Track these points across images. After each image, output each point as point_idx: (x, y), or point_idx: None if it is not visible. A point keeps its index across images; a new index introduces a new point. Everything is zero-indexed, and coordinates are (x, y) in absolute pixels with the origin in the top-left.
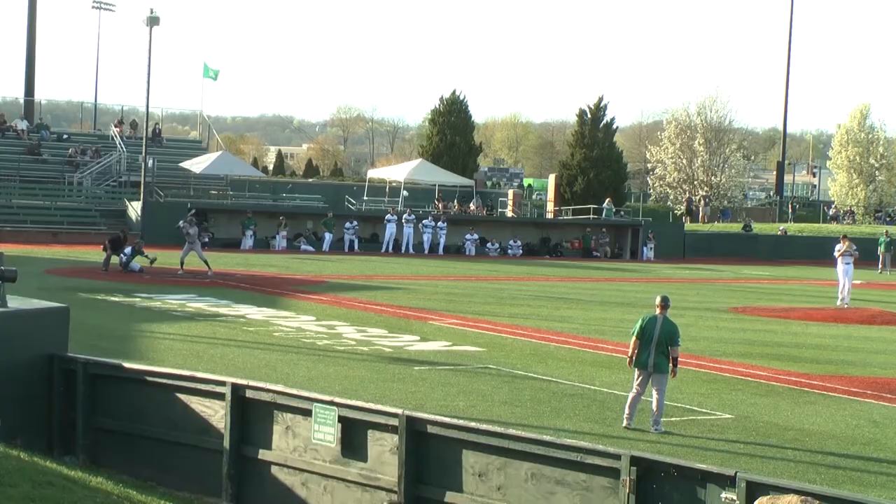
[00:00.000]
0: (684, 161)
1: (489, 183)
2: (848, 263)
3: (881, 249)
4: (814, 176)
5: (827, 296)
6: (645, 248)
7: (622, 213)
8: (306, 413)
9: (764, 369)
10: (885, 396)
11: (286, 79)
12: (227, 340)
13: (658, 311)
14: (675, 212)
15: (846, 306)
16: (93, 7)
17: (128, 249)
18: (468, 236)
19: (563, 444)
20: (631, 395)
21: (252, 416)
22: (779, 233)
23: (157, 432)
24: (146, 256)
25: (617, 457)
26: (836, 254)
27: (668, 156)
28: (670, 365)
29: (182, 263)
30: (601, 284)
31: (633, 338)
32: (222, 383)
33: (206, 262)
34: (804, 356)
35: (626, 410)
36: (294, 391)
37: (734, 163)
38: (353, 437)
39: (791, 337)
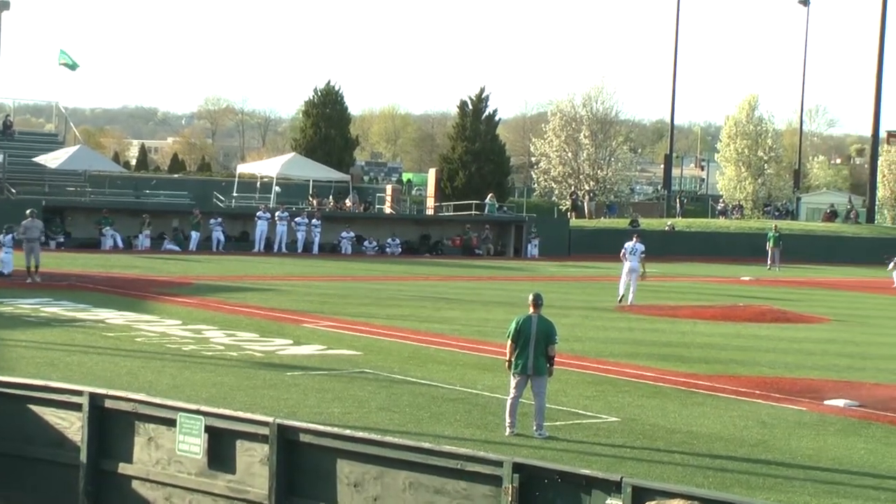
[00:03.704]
0: (569, 154)
1: (366, 178)
2: None
3: (770, 245)
4: (702, 169)
5: (716, 293)
6: (529, 246)
7: (505, 208)
8: (170, 423)
9: (651, 370)
10: (773, 396)
11: (150, 68)
12: (86, 347)
13: (531, 310)
14: (561, 207)
15: None
16: None
17: None
18: (344, 234)
19: (443, 451)
20: (510, 400)
21: (111, 427)
22: (666, 228)
23: (7, 447)
24: None
25: (499, 464)
26: None
27: (553, 149)
28: (548, 365)
29: (29, 270)
30: (483, 284)
31: (509, 341)
32: (79, 393)
33: (36, 266)
34: (692, 356)
35: (507, 417)
36: (157, 400)
37: (621, 156)
38: (220, 448)
39: (679, 336)
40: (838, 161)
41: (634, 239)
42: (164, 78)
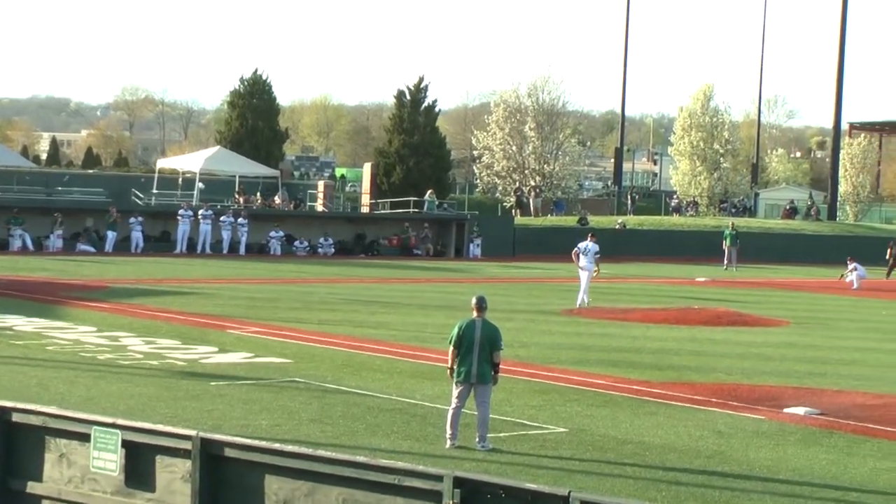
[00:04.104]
0: (514, 148)
1: (297, 173)
2: None
3: (726, 243)
4: (655, 163)
5: (669, 295)
6: (471, 245)
7: (446, 206)
8: (84, 438)
9: (601, 377)
10: (730, 404)
11: (62, 55)
12: None
13: (475, 314)
14: (505, 204)
15: None
16: None
17: None
18: (273, 234)
19: (379, 465)
20: (451, 410)
21: (19, 443)
22: (617, 226)
23: None
24: None
25: (439, 478)
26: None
27: (497, 142)
28: (493, 372)
29: None
30: (422, 286)
31: (451, 347)
32: None
33: None
34: (644, 362)
35: (448, 428)
36: (70, 413)
37: (569, 149)
38: (138, 464)
39: (630, 341)
40: (798, 154)
41: (589, 238)
42: (77, 66)
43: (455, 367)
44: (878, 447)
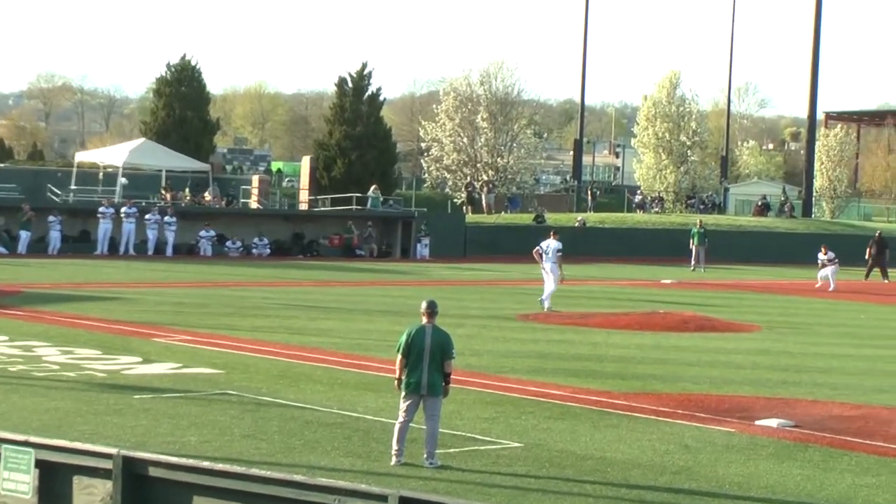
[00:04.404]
0: (465, 139)
1: (229, 167)
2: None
3: (694, 243)
4: (617, 156)
5: (632, 298)
6: (419, 245)
7: (391, 202)
8: None
9: (559, 387)
10: (697, 416)
11: None
12: None
13: (425, 319)
14: (455, 200)
15: None
16: None
17: None
18: (203, 233)
19: (318, 484)
20: (398, 424)
21: None
22: (576, 224)
23: None
24: None
25: (383, 498)
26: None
27: (446, 133)
28: (443, 383)
29: None
30: (366, 289)
31: (399, 355)
32: None
33: None
34: (606, 371)
35: (395, 444)
36: None
37: (524, 141)
38: (54, 486)
39: (590, 348)
40: (771, 147)
41: (551, 236)
42: None
43: (403, 377)
44: (856, 461)
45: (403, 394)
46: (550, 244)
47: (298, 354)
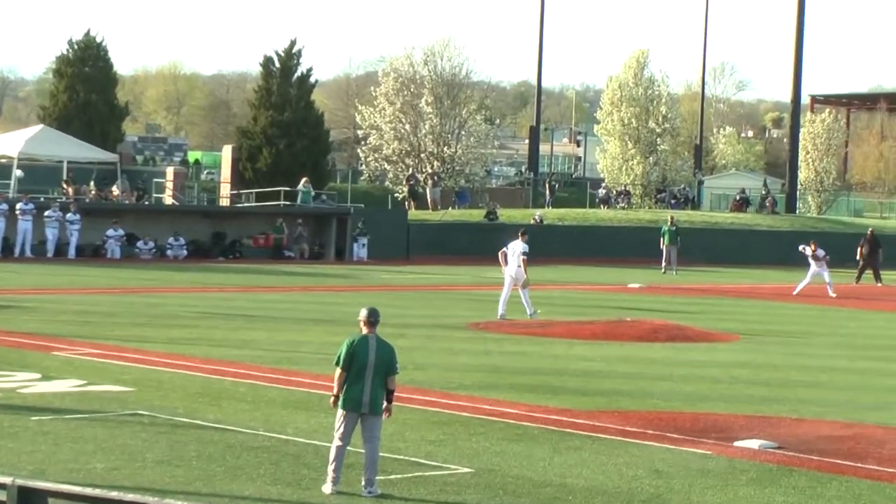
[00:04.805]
0: (407, 126)
1: (140, 158)
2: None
3: (664, 242)
4: (578, 145)
5: (596, 304)
6: (355, 246)
7: (324, 197)
8: None
9: (514, 405)
10: (669, 437)
11: None
12: None
13: (365, 329)
14: (396, 195)
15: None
16: None
17: None
18: (111, 232)
19: None
20: (335, 447)
21: None
22: (533, 221)
23: None
24: None
25: None
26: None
27: (386, 119)
28: (386, 401)
29: None
30: (296, 296)
31: (338, 369)
32: None
33: None
34: (567, 386)
35: (331, 470)
36: None
37: (474, 128)
38: None
39: (550, 361)
40: (750, 134)
41: (520, 236)
42: None
43: (341, 393)
44: (846, 487)
45: (341, 412)
46: (516, 246)
47: (219, 369)
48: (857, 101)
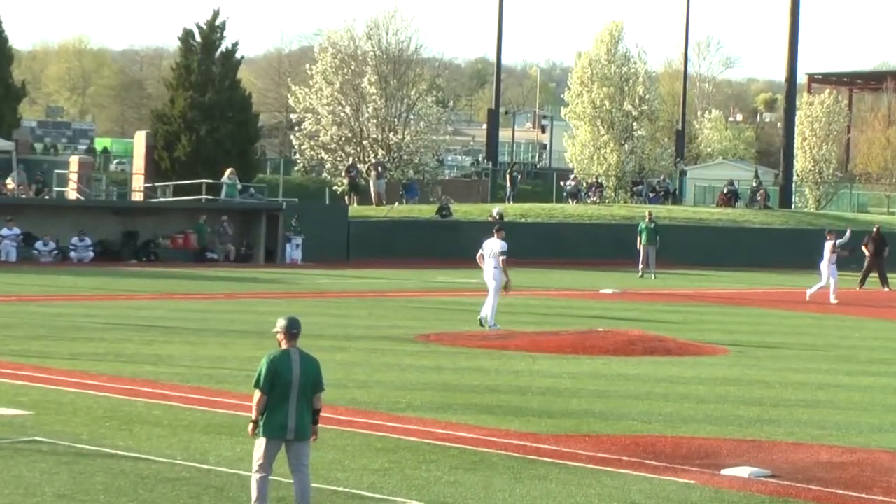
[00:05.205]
0: (348, 110)
1: (39, 145)
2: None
3: (642, 241)
4: (543, 131)
5: (564, 313)
6: (288, 246)
7: (252, 191)
8: None
9: (470, 429)
10: (647, 464)
11: None
12: None
13: (284, 343)
14: (336, 188)
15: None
16: None
17: None
18: (5, 232)
19: None
20: (256, 480)
21: None
22: (491, 218)
23: None
24: None
25: None
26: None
27: (323, 102)
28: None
29: None
30: (220, 304)
31: (258, 392)
32: None
33: None
34: (530, 406)
35: (254, 503)
36: None
37: (424, 111)
38: None
39: (511, 377)
40: (739, 118)
41: (495, 234)
42: None
43: (261, 418)
44: None
45: (262, 439)
46: (493, 245)
47: (131, 389)
48: (861, 81)
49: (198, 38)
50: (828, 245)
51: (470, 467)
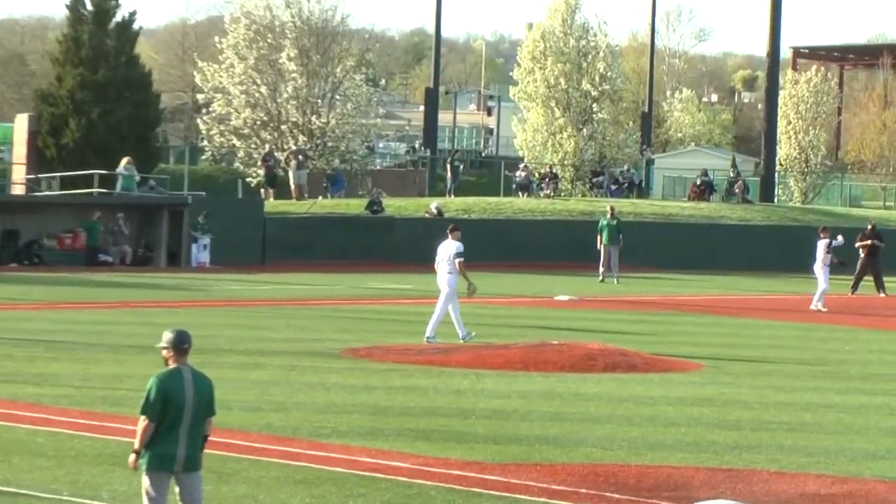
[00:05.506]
0: (263, 89)
1: None
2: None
3: (603, 240)
4: (489, 114)
5: (514, 323)
6: (195, 247)
7: (153, 183)
8: None
9: (404, 457)
10: (608, 497)
11: None
12: None
13: (172, 361)
14: (249, 180)
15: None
16: None
17: None
18: None
19: None
20: None
21: None
22: (429, 214)
23: None
24: None
25: None
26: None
27: (235, 80)
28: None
29: None
30: (116, 314)
31: (145, 419)
32: None
33: None
34: (474, 431)
35: None
36: None
37: (352, 91)
38: None
39: (451, 398)
40: (714, 98)
41: (449, 234)
42: None
43: (150, 450)
44: None
45: (148, 471)
46: (447, 247)
47: (10, 413)
48: (853, 56)
49: (89, 6)
50: (821, 244)
51: (404, 501)
